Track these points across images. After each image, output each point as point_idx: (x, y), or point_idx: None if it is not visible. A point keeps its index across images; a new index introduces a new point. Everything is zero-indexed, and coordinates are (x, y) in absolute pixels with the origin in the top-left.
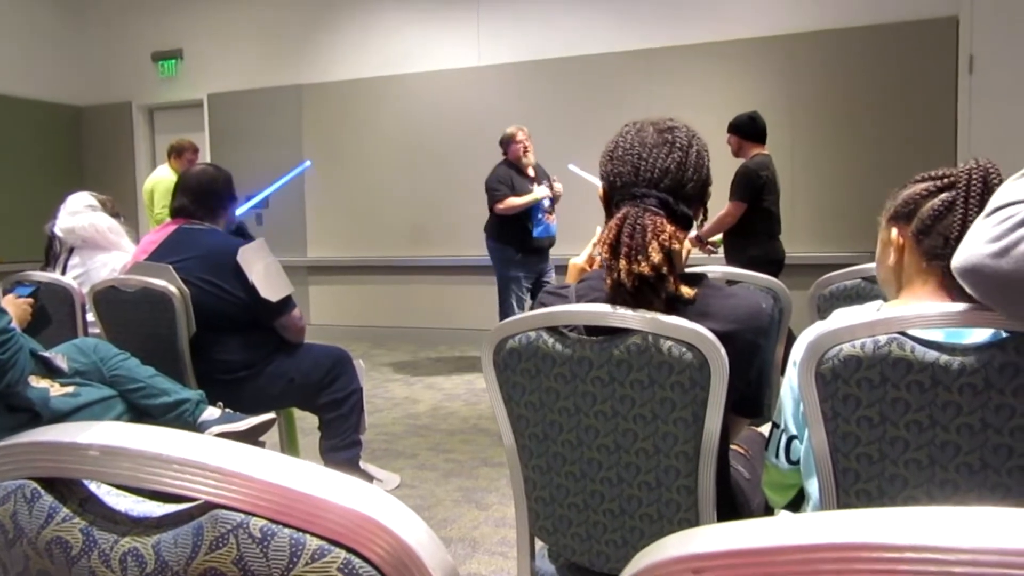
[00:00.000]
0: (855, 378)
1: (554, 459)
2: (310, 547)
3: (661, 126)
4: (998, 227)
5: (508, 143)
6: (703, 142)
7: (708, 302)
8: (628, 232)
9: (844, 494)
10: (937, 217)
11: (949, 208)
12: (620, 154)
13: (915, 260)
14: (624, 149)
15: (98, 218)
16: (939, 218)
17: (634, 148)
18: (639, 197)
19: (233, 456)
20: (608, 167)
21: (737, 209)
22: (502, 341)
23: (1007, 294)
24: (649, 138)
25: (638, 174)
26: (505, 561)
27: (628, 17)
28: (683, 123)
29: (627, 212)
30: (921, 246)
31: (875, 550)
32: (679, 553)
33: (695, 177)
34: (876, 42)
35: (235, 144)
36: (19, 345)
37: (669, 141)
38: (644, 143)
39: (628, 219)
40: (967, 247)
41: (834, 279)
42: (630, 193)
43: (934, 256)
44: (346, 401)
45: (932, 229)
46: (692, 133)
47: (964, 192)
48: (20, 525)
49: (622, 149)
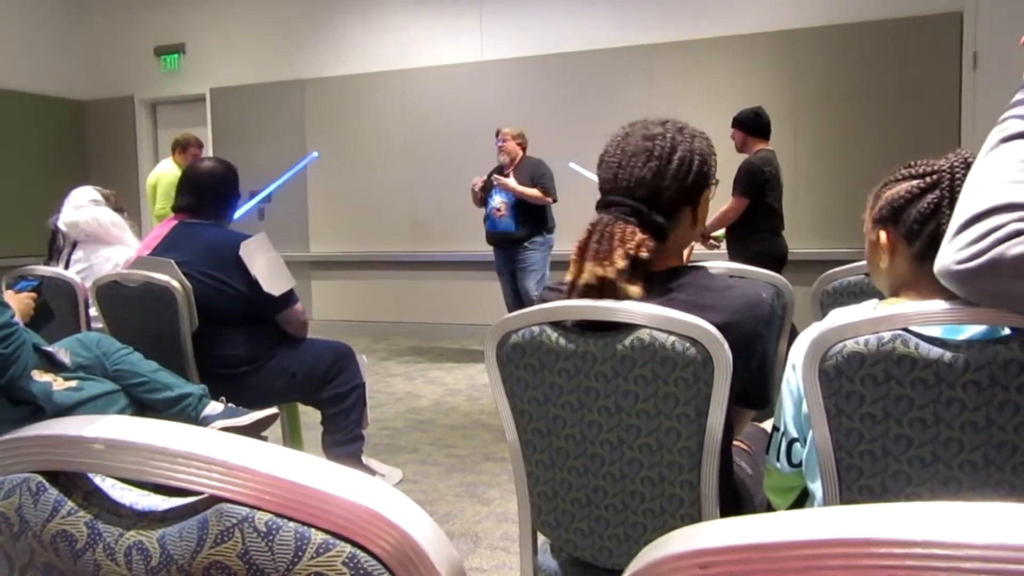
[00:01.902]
0: (858, 375)
1: (557, 454)
2: (315, 541)
3: (648, 132)
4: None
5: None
6: (696, 144)
7: (707, 294)
8: (596, 239)
9: (847, 491)
10: (924, 220)
11: (936, 209)
12: (606, 160)
13: (908, 260)
14: (608, 155)
15: (101, 213)
16: (926, 221)
17: (615, 156)
18: (614, 204)
19: (238, 450)
20: (597, 172)
21: (740, 204)
22: (505, 336)
23: (995, 304)
24: (631, 146)
25: (616, 182)
26: (507, 556)
27: (631, 12)
28: (674, 126)
29: (600, 219)
30: (912, 248)
31: (883, 545)
32: (685, 549)
33: (674, 185)
34: (880, 38)
35: (237, 139)
36: (22, 339)
37: (648, 150)
38: (625, 151)
39: (599, 226)
40: (944, 256)
41: (837, 275)
42: (606, 200)
43: (926, 257)
44: (348, 396)
45: (921, 232)
46: (678, 140)
47: (948, 190)
48: (25, 518)
49: (608, 155)
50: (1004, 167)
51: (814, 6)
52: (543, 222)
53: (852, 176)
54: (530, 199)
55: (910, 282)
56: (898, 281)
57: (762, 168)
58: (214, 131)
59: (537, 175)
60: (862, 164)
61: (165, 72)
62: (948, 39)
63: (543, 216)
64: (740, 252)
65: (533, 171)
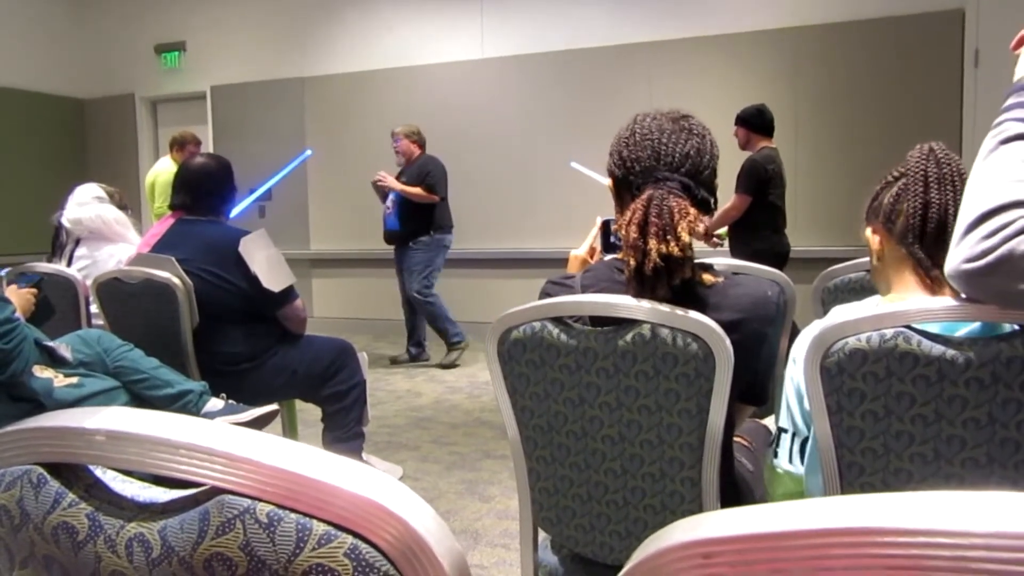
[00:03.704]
0: (860, 372)
1: (558, 450)
2: (317, 532)
3: (675, 115)
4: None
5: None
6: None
7: (714, 291)
8: (656, 212)
9: (848, 487)
10: (897, 199)
11: (905, 189)
12: (638, 140)
13: (893, 248)
14: (642, 135)
15: (105, 209)
16: (899, 199)
17: (652, 134)
18: (661, 180)
19: (240, 441)
20: (625, 152)
21: (742, 202)
22: (506, 332)
23: (1005, 302)
24: (666, 124)
25: (659, 158)
26: (507, 553)
27: (632, 10)
28: (692, 114)
29: (652, 194)
30: (893, 234)
31: (887, 534)
32: (689, 538)
33: (711, 164)
34: (881, 35)
35: (238, 136)
36: (23, 335)
37: (686, 128)
38: (662, 129)
39: (654, 200)
40: (953, 257)
41: (839, 272)
42: (652, 176)
43: (904, 237)
44: (349, 393)
45: (896, 211)
46: (703, 124)
47: (914, 173)
48: (26, 510)
49: (639, 135)
50: (1007, 167)
51: (815, 4)
52: (429, 221)
53: (853, 173)
54: (413, 197)
55: (897, 270)
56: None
57: (765, 166)
58: (215, 129)
59: (424, 173)
60: (863, 162)
61: (166, 70)
62: (950, 36)
63: (430, 215)
64: (742, 250)
65: (420, 169)
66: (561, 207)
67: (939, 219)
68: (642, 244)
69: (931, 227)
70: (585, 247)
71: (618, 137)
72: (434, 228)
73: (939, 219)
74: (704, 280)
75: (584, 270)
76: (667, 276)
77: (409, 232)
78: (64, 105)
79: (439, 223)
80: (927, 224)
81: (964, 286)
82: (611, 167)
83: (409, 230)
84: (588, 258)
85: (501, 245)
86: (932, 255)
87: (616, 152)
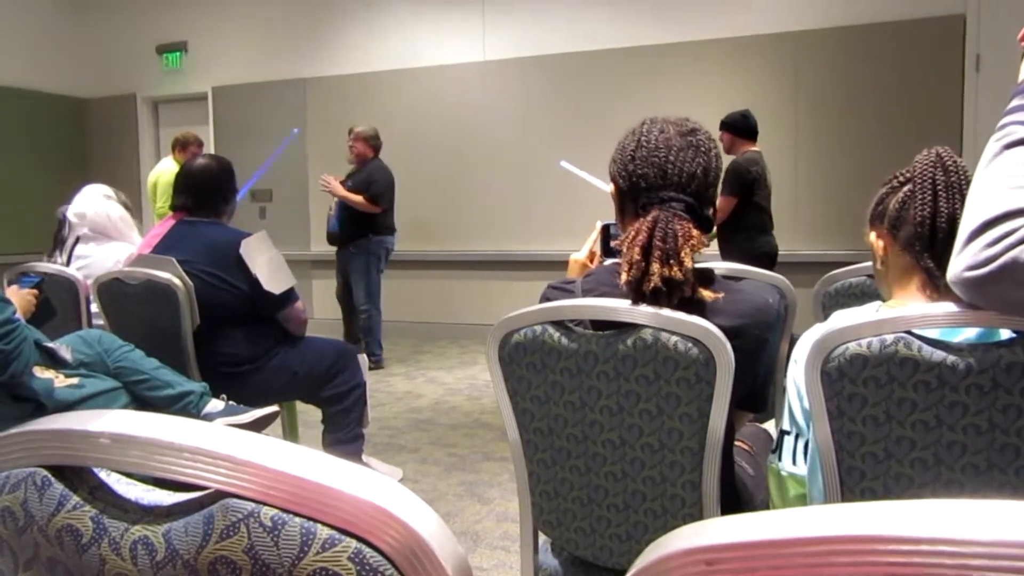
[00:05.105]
0: (861, 377)
1: (559, 453)
2: (321, 536)
3: (683, 128)
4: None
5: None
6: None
7: (715, 298)
8: (660, 236)
9: (849, 492)
10: (904, 206)
11: (912, 197)
12: (644, 155)
13: (897, 254)
14: (649, 150)
15: (111, 207)
16: (906, 206)
17: (660, 150)
18: (667, 201)
19: (244, 445)
20: (630, 167)
21: (728, 203)
22: (507, 335)
23: (1009, 310)
24: (674, 140)
25: (665, 177)
26: (507, 555)
27: (633, 13)
28: (699, 124)
29: (657, 216)
30: (899, 240)
31: (890, 542)
32: (691, 545)
33: (715, 182)
34: (882, 40)
35: (239, 137)
36: (24, 335)
37: (694, 145)
38: (670, 146)
39: (659, 223)
40: (956, 264)
41: (839, 276)
42: (658, 197)
43: (910, 245)
44: (349, 395)
45: (901, 218)
46: (710, 135)
47: (921, 180)
48: (30, 512)
49: (646, 150)
50: (1011, 173)
51: (816, 8)
52: (367, 226)
53: (854, 178)
54: (352, 204)
55: (902, 276)
56: (893, 279)
57: (748, 168)
58: (216, 130)
59: (370, 182)
60: (864, 166)
61: (167, 70)
62: (951, 41)
63: (371, 220)
64: (731, 250)
65: (368, 177)
66: (562, 209)
67: (948, 228)
68: (644, 266)
69: (940, 236)
70: (585, 251)
71: (623, 146)
72: (373, 231)
73: (948, 228)
74: (704, 297)
75: (585, 274)
76: (667, 297)
77: (348, 235)
78: (66, 105)
79: (379, 227)
80: (936, 234)
81: (967, 293)
82: (615, 175)
83: (349, 233)
84: (588, 262)
85: (502, 247)
86: (940, 264)
87: (621, 162)
